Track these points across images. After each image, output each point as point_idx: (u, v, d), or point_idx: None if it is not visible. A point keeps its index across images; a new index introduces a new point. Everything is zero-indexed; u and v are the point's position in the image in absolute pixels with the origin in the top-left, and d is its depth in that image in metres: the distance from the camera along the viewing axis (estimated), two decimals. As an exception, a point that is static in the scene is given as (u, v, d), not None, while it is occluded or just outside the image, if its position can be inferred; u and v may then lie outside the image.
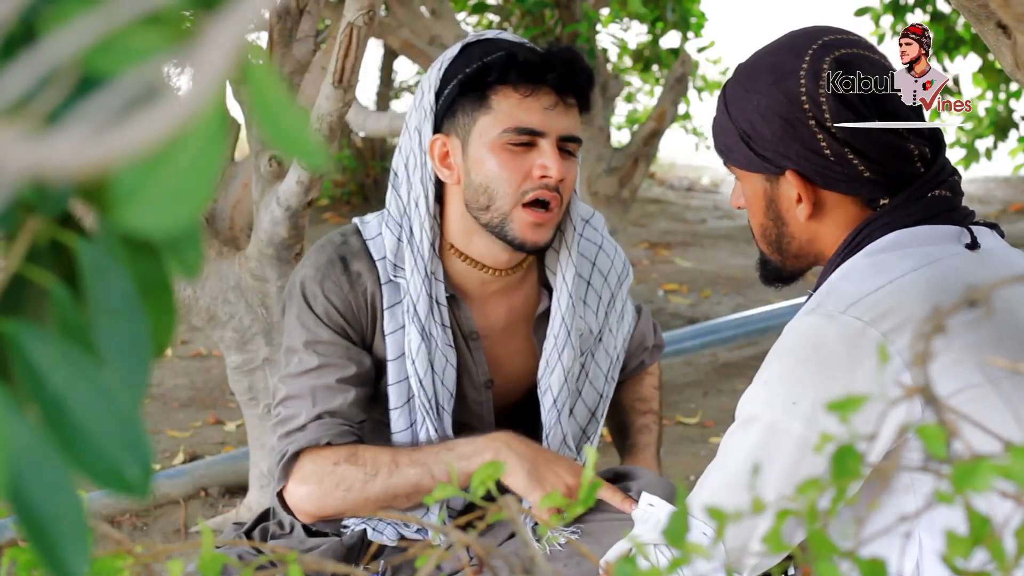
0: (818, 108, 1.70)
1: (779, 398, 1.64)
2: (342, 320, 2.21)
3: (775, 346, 1.69)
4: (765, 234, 1.82)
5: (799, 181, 1.74)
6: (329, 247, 2.25)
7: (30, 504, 0.62)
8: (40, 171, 0.56)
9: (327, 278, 2.22)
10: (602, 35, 6.64)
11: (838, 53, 1.72)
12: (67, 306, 0.64)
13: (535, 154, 2.13)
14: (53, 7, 0.60)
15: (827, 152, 1.71)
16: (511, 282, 2.28)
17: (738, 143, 1.77)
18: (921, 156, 1.74)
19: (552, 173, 2.12)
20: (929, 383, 0.80)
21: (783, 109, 1.72)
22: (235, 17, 0.56)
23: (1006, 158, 7.84)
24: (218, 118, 0.59)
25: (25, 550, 0.95)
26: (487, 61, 2.14)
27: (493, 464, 1.02)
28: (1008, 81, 7.40)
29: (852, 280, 1.67)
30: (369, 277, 2.22)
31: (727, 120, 1.79)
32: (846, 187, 1.73)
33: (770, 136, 1.73)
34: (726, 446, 1.71)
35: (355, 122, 6.61)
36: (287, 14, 2.98)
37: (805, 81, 1.71)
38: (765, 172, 1.77)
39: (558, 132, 2.14)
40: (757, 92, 1.74)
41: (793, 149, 1.72)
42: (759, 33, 2.56)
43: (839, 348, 1.61)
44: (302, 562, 0.95)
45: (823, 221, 1.77)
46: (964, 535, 0.79)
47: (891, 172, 1.72)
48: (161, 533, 3.51)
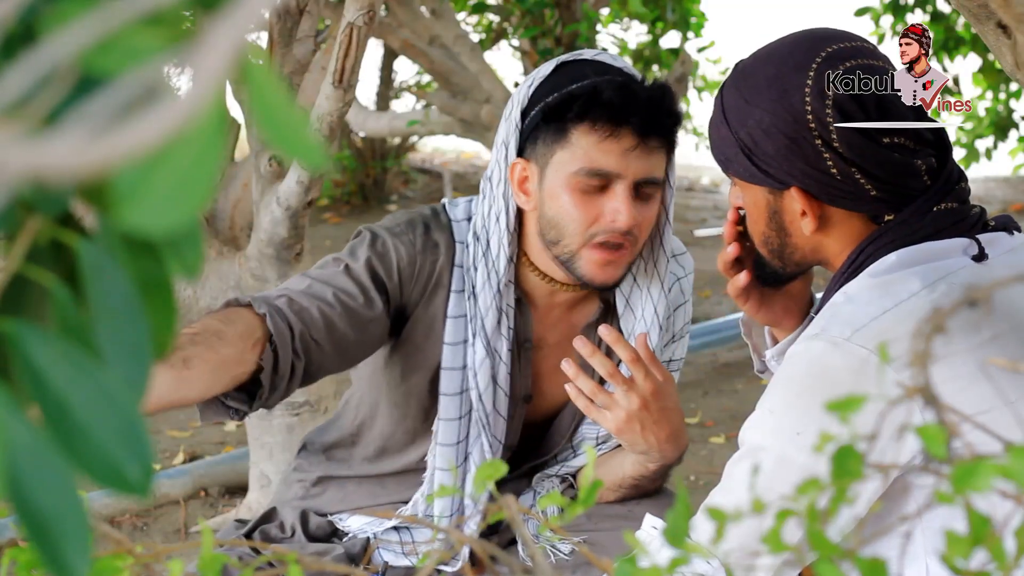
0: (824, 127, 1.67)
1: (783, 428, 1.62)
2: (395, 275, 2.15)
3: (779, 371, 1.67)
4: (767, 242, 1.79)
5: (804, 197, 1.71)
6: (415, 213, 2.21)
7: (31, 504, 0.62)
8: (40, 171, 0.56)
9: (404, 233, 2.16)
10: (602, 35, 6.64)
11: (842, 67, 1.68)
12: (67, 306, 0.64)
13: (608, 197, 2.06)
14: (53, 7, 0.60)
15: (833, 171, 1.68)
16: (578, 296, 2.23)
17: (738, 155, 1.74)
18: (928, 169, 1.71)
19: (621, 219, 2.05)
20: (929, 384, 0.80)
21: (787, 127, 1.68)
22: (235, 17, 0.56)
23: (1006, 158, 7.83)
24: (218, 118, 0.59)
25: (25, 550, 0.95)
26: (572, 91, 2.06)
27: (493, 464, 1.02)
28: (1008, 81, 7.40)
29: (857, 303, 1.64)
30: (445, 254, 2.17)
31: (726, 129, 1.75)
32: (852, 204, 1.70)
33: (773, 153, 1.70)
34: (731, 473, 1.69)
35: (355, 122, 6.61)
36: (287, 14, 2.98)
37: (810, 99, 1.67)
38: (768, 186, 1.73)
39: (635, 175, 2.06)
40: (759, 107, 1.71)
41: (797, 167, 1.69)
42: (759, 33, 2.55)
43: (844, 377, 1.59)
44: (302, 562, 0.95)
45: (828, 234, 1.74)
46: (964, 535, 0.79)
47: (897, 189, 1.69)
48: (161, 533, 3.52)
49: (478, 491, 1.00)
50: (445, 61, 5.27)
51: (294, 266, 3.12)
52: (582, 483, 1.02)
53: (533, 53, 5.73)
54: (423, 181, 8.90)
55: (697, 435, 4.30)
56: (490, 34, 6.75)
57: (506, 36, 6.64)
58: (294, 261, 3.11)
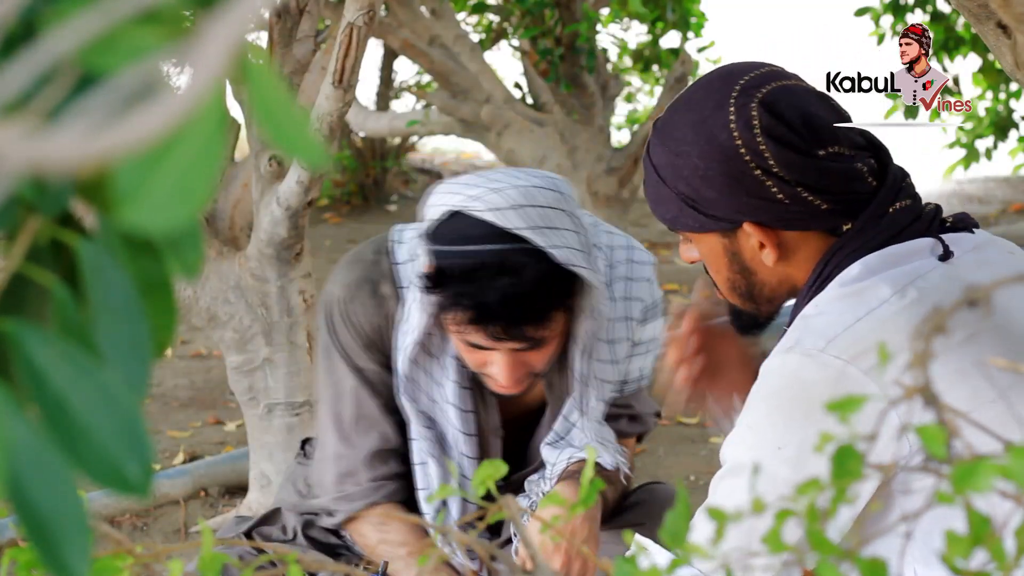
0: (759, 156, 1.65)
1: (765, 443, 1.62)
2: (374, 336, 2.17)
3: (756, 387, 1.66)
4: (734, 287, 1.76)
5: (757, 229, 1.69)
6: (360, 267, 2.19)
7: (31, 504, 0.62)
8: (39, 168, 0.56)
9: (356, 298, 2.16)
10: (602, 35, 6.65)
11: (759, 94, 1.67)
12: (67, 306, 0.64)
13: (490, 355, 2.04)
14: (53, 5, 0.60)
15: (780, 196, 1.66)
16: None
17: (683, 209, 1.72)
18: (871, 171, 1.70)
19: (501, 382, 2.05)
20: (929, 384, 0.80)
21: (723, 166, 1.66)
22: (234, 15, 0.56)
23: (1006, 158, 7.83)
24: (218, 117, 0.59)
25: (25, 550, 0.95)
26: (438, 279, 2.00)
27: (493, 464, 1.02)
28: (1008, 81, 7.40)
29: (829, 314, 1.63)
30: (392, 302, 2.16)
31: (664, 188, 1.73)
32: (806, 224, 1.69)
33: (716, 196, 1.68)
34: (716, 491, 1.68)
35: (355, 122, 6.61)
36: (287, 14, 2.98)
37: (738, 133, 1.66)
38: (720, 230, 1.72)
39: (511, 348, 2.02)
40: (690, 156, 1.69)
41: (744, 202, 1.67)
42: (759, 33, 2.55)
43: (821, 389, 1.58)
44: (302, 561, 0.95)
45: (791, 261, 1.72)
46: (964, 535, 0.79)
47: (847, 198, 1.68)
48: (161, 533, 3.52)
49: (478, 492, 1.00)
50: (445, 61, 5.28)
51: (294, 266, 3.13)
52: (581, 482, 1.02)
53: (533, 53, 5.73)
54: (423, 181, 8.90)
55: (697, 435, 4.30)
56: (490, 34, 6.75)
57: (506, 36, 6.64)
58: (294, 261, 3.12)
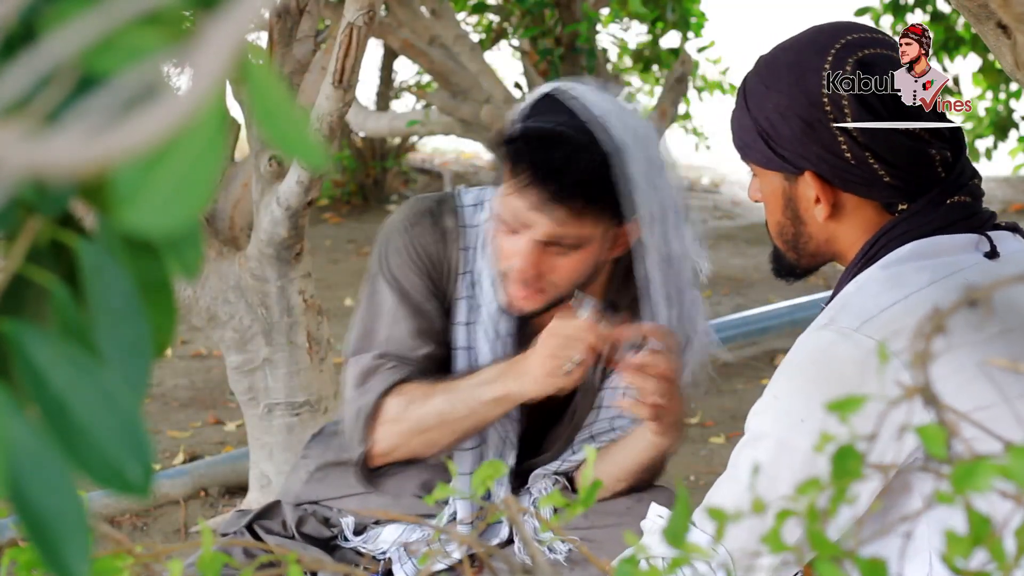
0: (839, 110, 1.68)
1: (788, 415, 1.63)
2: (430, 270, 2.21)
3: (786, 359, 1.68)
4: (782, 232, 1.80)
5: (818, 182, 1.72)
6: (422, 203, 2.25)
7: (31, 504, 0.62)
8: (40, 170, 0.56)
9: (416, 225, 2.20)
10: (602, 35, 6.64)
11: (861, 54, 1.70)
12: (67, 306, 0.64)
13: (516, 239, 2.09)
14: (53, 7, 0.60)
15: (847, 155, 1.69)
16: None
17: (756, 140, 1.75)
18: (942, 160, 1.72)
19: (515, 263, 2.08)
20: (929, 384, 0.80)
21: (803, 110, 1.70)
22: (234, 17, 0.56)
23: (1006, 158, 7.83)
24: (218, 118, 0.59)
25: (25, 550, 0.95)
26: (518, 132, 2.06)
27: (492, 464, 1.02)
28: (1008, 81, 7.40)
29: (868, 294, 1.66)
30: (453, 238, 2.21)
31: (746, 115, 1.76)
32: (865, 191, 1.71)
33: (789, 136, 1.71)
34: (736, 461, 1.70)
35: (355, 122, 6.61)
36: (287, 14, 2.98)
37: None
38: (783, 171, 1.75)
39: (543, 232, 2.06)
40: (777, 90, 1.72)
41: (812, 151, 1.70)
42: (759, 33, 2.56)
43: (850, 367, 1.60)
44: (302, 561, 0.95)
45: (841, 222, 1.75)
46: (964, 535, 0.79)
47: (911, 177, 1.70)
48: (161, 533, 3.52)
49: (478, 491, 1.00)
50: (445, 61, 5.27)
51: (294, 266, 3.13)
52: (581, 482, 1.02)
53: (533, 53, 5.73)
54: (423, 181, 8.90)
55: (697, 435, 4.30)
56: (490, 34, 6.75)
57: (506, 36, 6.64)
58: (294, 261, 3.12)
